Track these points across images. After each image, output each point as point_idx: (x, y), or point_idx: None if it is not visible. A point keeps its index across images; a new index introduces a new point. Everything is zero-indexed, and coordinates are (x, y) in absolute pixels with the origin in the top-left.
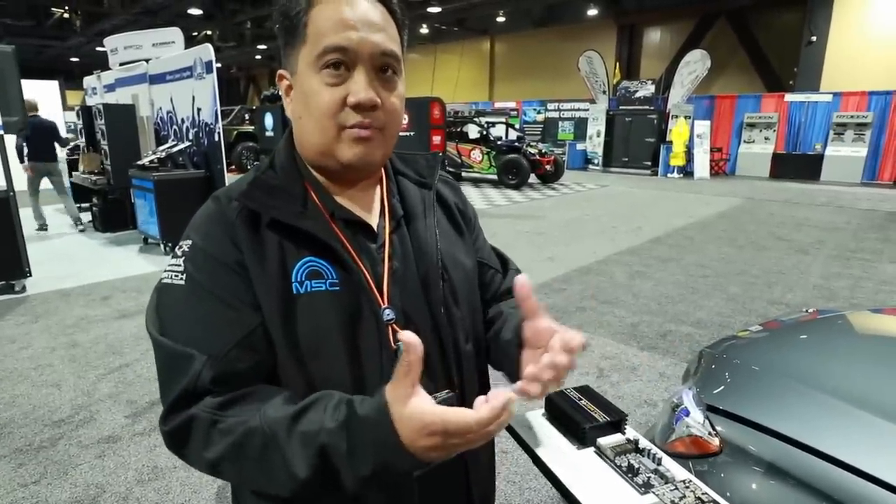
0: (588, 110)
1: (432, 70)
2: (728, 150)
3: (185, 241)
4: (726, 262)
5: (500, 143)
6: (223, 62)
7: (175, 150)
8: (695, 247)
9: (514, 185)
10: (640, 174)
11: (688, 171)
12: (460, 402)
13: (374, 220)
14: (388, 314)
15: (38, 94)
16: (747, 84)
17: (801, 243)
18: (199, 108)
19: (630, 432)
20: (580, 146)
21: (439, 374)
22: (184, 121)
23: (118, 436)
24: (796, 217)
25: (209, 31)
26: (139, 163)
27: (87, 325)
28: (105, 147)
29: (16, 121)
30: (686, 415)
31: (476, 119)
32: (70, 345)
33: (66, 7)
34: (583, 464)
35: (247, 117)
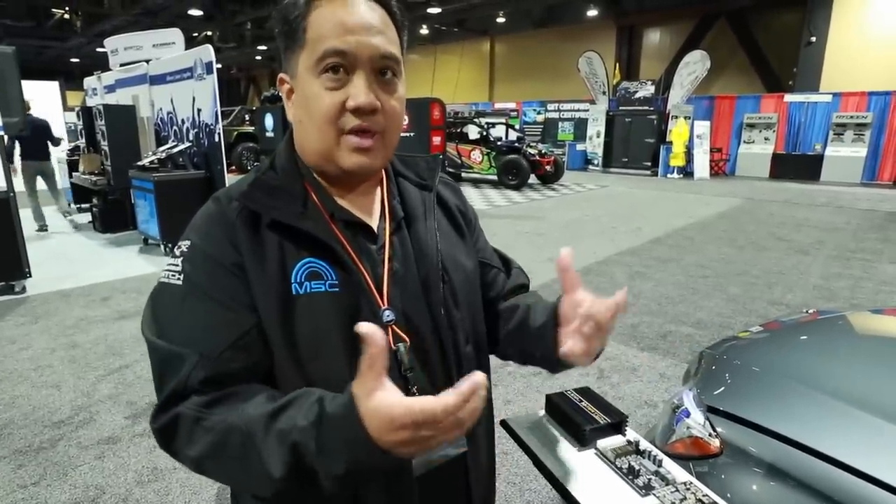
0: (588, 111)
1: (432, 71)
2: (728, 150)
3: (185, 241)
4: (726, 262)
5: (499, 143)
6: (223, 63)
7: (175, 150)
8: (695, 247)
9: (514, 186)
10: (639, 175)
11: (688, 171)
12: None
13: (374, 221)
14: (388, 315)
15: (38, 95)
16: (747, 84)
17: (801, 244)
18: (199, 109)
19: (631, 434)
20: (580, 147)
21: (440, 375)
22: (184, 121)
23: (118, 437)
24: (796, 217)
25: (209, 32)
26: (139, 163)
27: (86, 325)
28: (105, 148)
29: (16, 121)
30: (686, 416)
31: (476, 120)
32: (70, 346)
33: (67, 8)
34: (583, 465)
35: (247, 118)
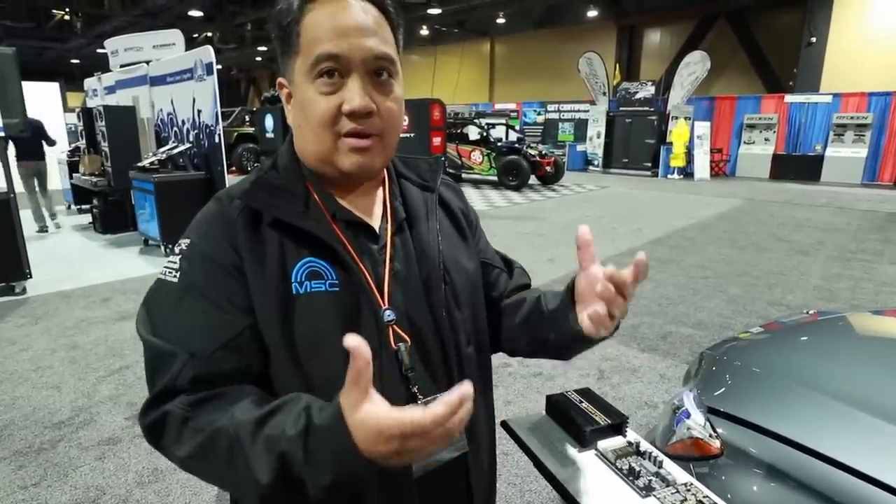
0: (588, 111)
1: (432, 71)
2: (728, 151)
3: (185, 240)
4: (727, 263)
5: (500, 144)
6: (223, 64)
7: (175, 151)
8: (695, 248)
9: (515, 187)
10: (640, 175)
11: (688, 172)
12: None
13: (376, 222)
14: (389, 315)
15: (38, 97)
16: (747, 85)
17: (801, 244)
18: (199, 110)
19: (631, 435)
20: (580, 147)
21: (441, 376)
22: (184, 122)
23: (118, 438)
24: (796, 218)
25: (209, 33)
26: (139, 164)
27: (87, 326)
28: (105, 149)
29: (17, 122)
30: (687, 417)
31: (476, 120)
32: (70, 346)
33: (67, 9)
34: (584, 466)
35: (247, 119)
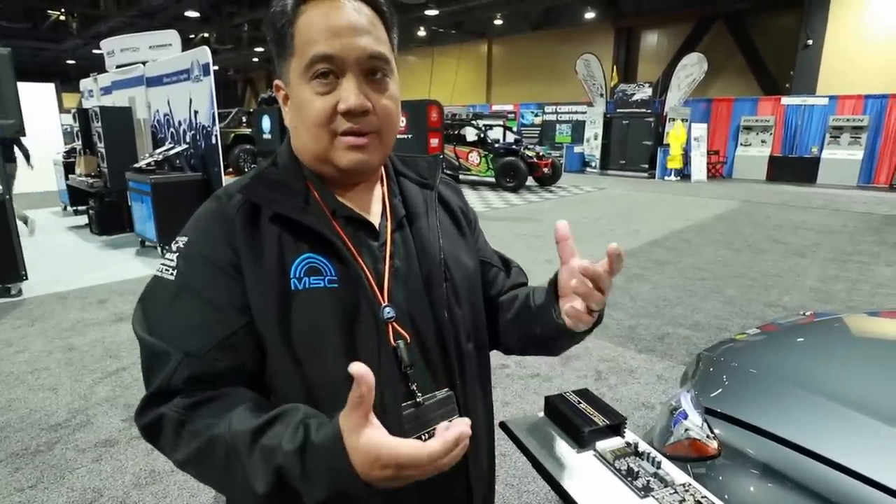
0: (585, 113)
1: (430, 73)
2: (725, 152)
3: (182, 238)
4: (723, 264)
5: (497, 145)
6: (220, 64)
7: (172, 152)
8: (692, 249)
9: (512, 188)
10: (637, 177)
11: (685, 173)
12: (461, 401)
13: (375, 219)
14: (388, 312)
15: (34, 97)
16: (744, 87)
17: (797, 246)
18: (196, 111)
19: (629, 436)
20: (577, 149)
21: (441, 373)
22: (181, 123)
23: (115, 440)
24: (793, 220)
25: (206, 34)
26: (136, 165)
27: (83, 328)
28: (102, 150)
29: (11, 123)
30: (684, 418)
31: (473, 122)
32: (66, 348)
33: (63, 9)
34: (582, 467)
35: (244, 120)
